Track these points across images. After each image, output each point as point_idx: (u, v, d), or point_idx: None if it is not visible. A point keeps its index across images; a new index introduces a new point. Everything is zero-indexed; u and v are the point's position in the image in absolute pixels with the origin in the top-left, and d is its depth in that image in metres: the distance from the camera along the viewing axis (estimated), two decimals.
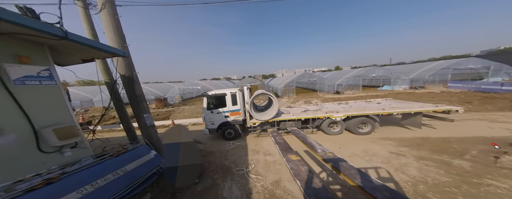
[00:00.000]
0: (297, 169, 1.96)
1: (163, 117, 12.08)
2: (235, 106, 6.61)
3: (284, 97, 18.65)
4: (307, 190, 1.46)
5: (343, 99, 14.61)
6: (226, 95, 6.55)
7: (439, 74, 16.48)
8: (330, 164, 2.13)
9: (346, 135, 6.51)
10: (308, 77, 19.69)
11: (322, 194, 1.38)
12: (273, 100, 6.42)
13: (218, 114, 6.67)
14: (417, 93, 13.90)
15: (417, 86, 17.34)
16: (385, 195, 1.27)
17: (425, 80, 16.90)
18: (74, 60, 3.36)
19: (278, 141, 3.89)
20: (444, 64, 16.88)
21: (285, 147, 3.02)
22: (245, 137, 7.19)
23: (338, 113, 6.31)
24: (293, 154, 2.46)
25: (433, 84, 16.91)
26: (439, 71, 16.40)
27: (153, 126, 4.90)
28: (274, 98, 6.34)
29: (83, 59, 3.32)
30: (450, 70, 16.20)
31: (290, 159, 2.24)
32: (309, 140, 3.24)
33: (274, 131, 5.44)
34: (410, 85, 17.43)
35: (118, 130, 9.95)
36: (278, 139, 4.06)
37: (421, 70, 18.17)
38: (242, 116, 6.76)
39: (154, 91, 20.04)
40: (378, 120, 6.04)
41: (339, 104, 8.38)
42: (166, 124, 10.32)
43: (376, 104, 7.53)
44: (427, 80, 16.85)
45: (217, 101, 6.86)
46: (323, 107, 8.05)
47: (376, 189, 1.35)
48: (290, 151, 2.83)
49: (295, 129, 5.43)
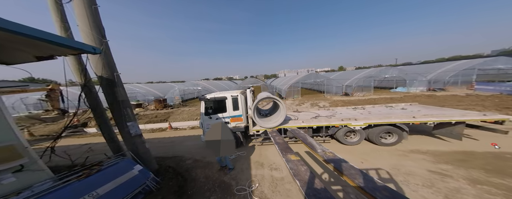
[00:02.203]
0: (296, 169, 1.90)
1: (161, 119, 11.46)
2: (237, 111, 5.80)
3: (288, 99, 17.69)
4: (307, 191, 1.42)
5: (354, 102, 13.49)
6: (226, 99, 5.76)
7: (462, 75, 14.98)
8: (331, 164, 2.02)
9: (365, 145, 5.54)
10: (314, 78, 18.64)
11: (322, 194, 1.35)
12: (280, 105, 5.56)
13: (218, 119, 5.88)
14: (439, 97, 12.58)
15: (435, 88, 15.90)
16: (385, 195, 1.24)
17: (445, 81, 15.44)
18: (26, 58, 2.65)
19: (277, 141, 3.56)
20: (467, 64, 15.34)
21: (285, 147, 2.83)
22: (247, 145, 6.37)
23: (356, 120, 5.37)
24: (293, 154, 2.36)
25: (454, 86, 15.41)
26: (462, 72, 14.90)
27: (140, 136, 4.16)
28: (281, 103, 5.48)
29: (38, 57, 2.61)
30: (475, 71, 14.67)
31: (289, 159, 2.15)
32: (309, 140, 3.01)
33: (274, 131, 4.84)
34: (427, 87, 16.01)
35: None
36: (278, 139, 3.72)
37: (440, 70, 16.68)
38: (244, 122, 5.93)
39: (153, 92, 19.48)
40: (407, 129, 5.03)
41: (355, 109, 7.38)
42: (163, 126, 9.67)
43: (400, 109, 6.50)
44: (447, 81, 15.38)
45: (216, 105, 6.08)
46: (336, 112, 7.09)
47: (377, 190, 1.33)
48: (289, 151, 2.65)
49: (295, 129, 4.77)
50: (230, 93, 5.87)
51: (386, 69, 16.85)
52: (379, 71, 16.89)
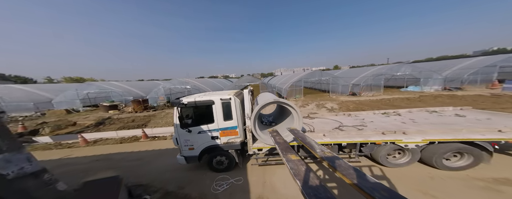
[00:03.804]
0: (297, 169, 1.80)
1: (139, 124, 9.38)
2: (229, 121, 3.91)
3: (290, 100, 15.90)
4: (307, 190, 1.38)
5: (366, 103, 11.81)
6: (213, 104, 3.85)
7: (482, 73, 13.57)
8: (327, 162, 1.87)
9: (416, 168, 3.82)
10: (318, 76, 16.86)
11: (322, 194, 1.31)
12: (295, 114, 3.70)
13: (201, 133, 3.97)
14: (462, 97, 11.06)
15: (451, 88, 14.46)
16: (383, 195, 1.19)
17: (463, 80, 14.01)
18: None
19: (277, 140, 3.12)
20: (488, 60, 13.91)
21: (285, 146, 2.57)
22: (244, 167, 4.49)
23: (406, 134, 3.61)
24: (293, 154, 2.18)
25: (473, 85, 14.01)
26: (482, 70, 13.49)
27: (36, 175, 2.16)
28: (296, 110, 3.63)
29: None
30: (497, 69, 13.29)
31: (290, 159, 2.04)
32: (308, 140, 2.73)
33: (274, 130, 3.85)
34: (443, 86, 14.55)
35: (75, 145, 7.23)
36: (278, 138, 3.26)
37: (455, 68, 15.25)
38: (241, 137, 4.05)
39: (133, 91, 16.80)
40: (492, 149, 3.29)
41: (386, 115, 5.60)
42: (138, 135, 7.63)
43: (455, 116, 4.77)
44: (465, 80, 13.96)
45: (198, 112, 4.22)
46: (362, 119, 5.31)
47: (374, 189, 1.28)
48: (290, 150, 2.37)
49: (295, 129, 3.69)
50: (220, 95, 3.95)
51: (398, 66, 15.28)
52: (389, 69, 15.30)
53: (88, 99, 16.75)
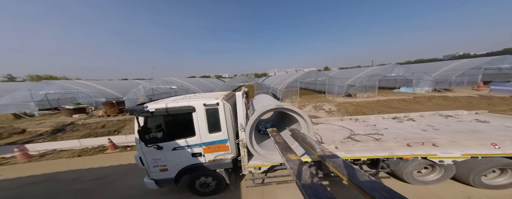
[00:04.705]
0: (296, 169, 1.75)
1: (110, 131, 7.92)
2: (217, 133, 2.92)
3: (285, 101, 15.18)
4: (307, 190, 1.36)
5: (363, 104, 11.43)
6: (194, 111, 2.83)
7: (468, 74, 14.00)
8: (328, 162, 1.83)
9: (447, 186, 3.14)
10: (314, 76, 16.38)
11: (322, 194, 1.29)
12: (303, 123, 2.86)
13: (177, 150, 2.92)
14: (454, 99, 11.11)
15: (440, 89, 14.78)
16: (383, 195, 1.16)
17: (451, 81, 14.36)
18: None
19: (277, 140, 2.73)
20: (473, 62, 14.40)
21: (285, 146, 2.41)
22: (237, 188, 3.54)
23: (436, 146, 2.93)
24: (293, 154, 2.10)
25: (460, 86, 14.42)
26: (468, 71, 13.91)
27: None
28: (305, 120, 2.80)
29: None
30: (481, 71, 13.79)
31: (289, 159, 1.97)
32: (308, 140, 2.54)
33: (274, 130, 3.33)
34: (433, 88, 14.82)
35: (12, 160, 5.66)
36: (278, 138, 2.81)
37: (442, 69, 15.66)
38: (232, 153, 3.08)
39: (107, 92, 14.15)
40: None
41: (398, 120, 4.97)
42: (106, 144, 6.27)
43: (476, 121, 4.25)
44: (453, 81, 14.32)
45: (173, 122, 3.19)
46: (375, 126, 4.60)
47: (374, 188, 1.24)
48: (289, 150, 2.24)
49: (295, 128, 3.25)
50: (204, 99, 2.94)
51: (392, 67, 15.30)
52: (384, 70, 15.27)
53: (48, 101, 14.22)
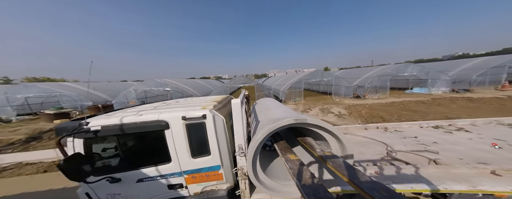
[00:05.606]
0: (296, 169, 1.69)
1: None
2: (203, 156, 1.85)
3: (289, 103, 14.11)
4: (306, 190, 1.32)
5: (376, 107, 10.27)
6: (166, 128, 1.77)
7: (491, 73, 12.78)
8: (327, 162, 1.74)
9: None
10: (320, 76, 15.30)
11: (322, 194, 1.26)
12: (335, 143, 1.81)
13: (144, 181, 1.85)
14: (480, 100, 9.90)
15: (459, 89, 13.55)
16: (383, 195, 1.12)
17: (471, 81, 13.14)
18: None
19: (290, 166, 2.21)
20: (497, 60, 13.16)
21: (284, 146, 2.29)
22: None
23: None
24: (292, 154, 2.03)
25: (480, 86, 13.19)
26: (490, 70, 12.69)
27: None
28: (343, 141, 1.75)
29: None
30: (505, 69, 12.56)
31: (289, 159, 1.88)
32: (308, 140, 2.40)
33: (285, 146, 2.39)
34: (450, 88, 13.60)
35: None
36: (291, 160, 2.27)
37: (459, 68, 14.43)
38: (228, 182, 2.00)
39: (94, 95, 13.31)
40: None
41: (447, 131, 3.81)
42: None
43: None
44: (473, 81, 13.10)
45: (133, 143, 2.15)
46: (417, 138, 3.49)
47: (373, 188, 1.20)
48: (289, 150, 2.17)
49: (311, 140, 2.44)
50: (184, 109, 1.90)
51: (404, 66, 14.14)
52: (395, 69, 14.13)
53: (28, 105, 13.13)
